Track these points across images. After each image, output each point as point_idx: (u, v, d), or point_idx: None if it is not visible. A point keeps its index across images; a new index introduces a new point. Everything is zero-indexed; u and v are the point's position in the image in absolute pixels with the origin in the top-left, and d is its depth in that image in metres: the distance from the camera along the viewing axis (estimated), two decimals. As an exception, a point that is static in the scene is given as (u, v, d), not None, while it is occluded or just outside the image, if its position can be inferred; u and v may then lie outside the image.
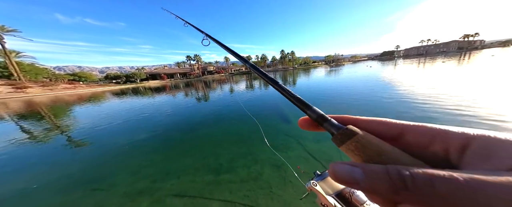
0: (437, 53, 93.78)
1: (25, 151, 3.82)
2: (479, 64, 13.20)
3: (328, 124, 0.18)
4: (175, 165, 2.58)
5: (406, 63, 27.90)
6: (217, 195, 1.85)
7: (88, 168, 2.75)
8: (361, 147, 0.15)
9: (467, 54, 37.96)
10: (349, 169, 0.13)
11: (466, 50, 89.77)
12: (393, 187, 0.11)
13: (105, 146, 3.65)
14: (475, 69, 10.60)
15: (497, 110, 3.39)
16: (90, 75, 59.59)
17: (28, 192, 2.22)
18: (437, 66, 14.64)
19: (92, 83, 47.87)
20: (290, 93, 0.22)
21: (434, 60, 27.60)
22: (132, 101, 11.51)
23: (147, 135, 4.11)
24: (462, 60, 20.67)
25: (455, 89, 5.57)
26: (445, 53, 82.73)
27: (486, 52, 45.64)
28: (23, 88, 28.54)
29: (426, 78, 8.58)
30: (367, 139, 0.15)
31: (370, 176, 0.12)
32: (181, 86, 24.08)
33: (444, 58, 28.38)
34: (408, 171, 0.11)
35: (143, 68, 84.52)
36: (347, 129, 0.16)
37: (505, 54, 22.68)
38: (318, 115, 0.19)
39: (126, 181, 2.26)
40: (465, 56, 31.45)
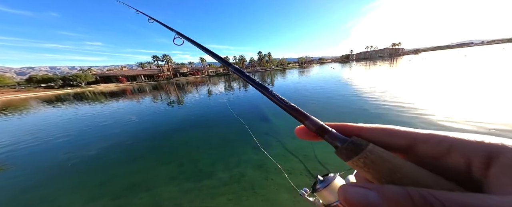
0: (377, 57, 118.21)
1: None
2: (402, 67, 17.54)
3: (329, 136, 0.17)
4: (144, 177, 2.25)
5: (357, 65, 33.84)
6: (198, 203, 1.74)
7: (14, 196, 2.02)
8: (371, 164, 0.13)
9: (395, 59, 49.72)
10: (364, 193, 0.11)
11: (394, 55, 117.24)
12: None
13: (39, 167, 2.79)
14: (401, 70, 14.04)
15: (419, 103, 4.53)
16: (3, 78, 43.69)
17: None
18: (377, 68, 18.54)
19: (7, 89, 35.22)
20: (284, 101, 0.20)
21: (375, 63, 34.65)
22: (76, 109, 9.18)
23: (102, 147, 3.40)
24: (392, 64, 26.83)
25: (389, 87, 7.19)
26: (382, 57, 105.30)
27: (405, 57, 60.86)
28: None
29: (370, 78, 10.70)
30: (377, 153, 0.14)
31: (389, 202, 0.10)
32: (147, 89, 20.98)
33: (381, 62, 36.08)
34: (435, 197, 0.09)
35: (90, 68, 68.85)
36: (353, 143, 0.15)
37: (417, 60, 30.93)
38: (318, 127, 0.17)
39: (74, 204, 1.80)
40: (394, 60, 41.02)
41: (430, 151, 0.14)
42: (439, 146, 0.13)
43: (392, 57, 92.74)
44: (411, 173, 0.12)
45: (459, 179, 0.12)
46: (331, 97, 6.32)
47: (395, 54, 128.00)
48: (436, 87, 6.18)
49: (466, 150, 0.12)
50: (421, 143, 0.14)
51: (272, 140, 3.10)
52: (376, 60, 54.71)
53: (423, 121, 3.25)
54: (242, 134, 3.58)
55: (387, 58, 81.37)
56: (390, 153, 0.14)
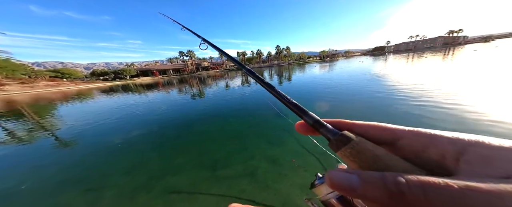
0: (425, 48, 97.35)
1: (11, 151, 3.62)
2: (463, 59, 13.94)
3: (324, 129, 0.18)
4: (170, 162, 2.57)
5: (395, 58, 28.82)
6: (215, 190, 1.88)
7: (79, 167, 2.66)
8: (356, 153, 0.15)
9: (452, 50, 39.84)
10: (346, 176, 0.13)
11: (451, 45, 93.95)
12: (389, 194, 0.11)
13: (97, 145, 3.53)
14: (459, 64, 11.21)
15: (481, 106, 3.63)
16: (75, 72, 56.08)
17: (16, 193, 2.13)
18: (424, 61, 15.31)
19: (78, 80, 45.17)
20: (286, 98, 0.23)
21: (421, 55, 28.73)
22: (123, 98, 11.07)
23: (140, 133, 4.02)
24: (447, 55, 21.69)
25: (440, 84, 5.88)
26: (432, 48, 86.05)
27: (468, 47, 48.09)
28: (0, 85, 26.42)
29: (413, 73, 8.96)
30: (362, 145, 0.15)
31: (367, 183, 0.12)
32: (174, 82, 23.39)
33: (430, 53, 29.59)
34: (404, 178, 0.11)
35: (133, 64, 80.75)
36: (342, 136, 0.16)
37: (486, 49, 24.05)
38: (314, 121, 0.19)
39: (121, 180, 2.23)
40: (450, 51, 32.98)
41: (411, 145, 0.15)
42: (418, 141, 0.15)
43: (447, 47, 74.51)
44: (391, 162, 0.14)
45: (435, 172, 0.14)
46: (357, 95, 5.65)
47: (452, 44, 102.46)
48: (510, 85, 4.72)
49: (441, 145, 0.14)
50: (404, 138, 0.16)
51: (286, 135, 3.03)
52: (423, 52, 45.20)
53: (489, 131, 2.57)
54: (257, 128, 3.63)
55: (439, 48, 65.99)
56: (375, 145, 0.15)
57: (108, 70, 59.03)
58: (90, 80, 48.86)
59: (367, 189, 0.12)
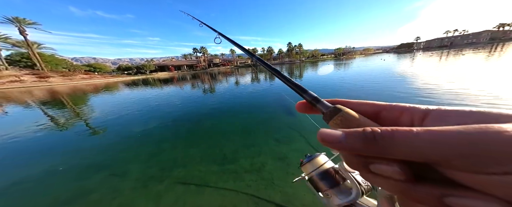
0: (465, 44, 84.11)
1: (52, 135, 4.22)
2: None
3: (320, 105, 0.21)
4: (182, 154, 2.71)
5: (425, 55, 25.64)
6: (221, 184, 1.94)
7: (105, 154, 2.98)
8: (345, 121, 0.18)
9: (500, 46, 33.78)
10: (333, 132, 0.15)
11: (499, 41, 79.38)
12: (365, 141, 0.14)
13: (120, 134, 3.90)
14: (506, 62, 9.46)
15: None
16: (104, 66, 62.35)
17: (55, 173, 2.48)
18: (459, 59, 13.29)
19: (106, 74, 50.18)
20: (290, 80, 0.26)
21: (458, 52, 25.04)
22: (143, 91, 11.98)
23: (156, 125, 4.31)
24: (492, 52, 18.50)
25: (475, 86, 5.07)
26: (474, 44, 73.97)
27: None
28: (46, 77, 30.74)
29: (443, 72, 7.86)
30: (349, 114, 0.18)
31: (349, 135, 0.15)
32: (188, 78, 24.47)
33: (470, 50, 25.57)
34: (377, 129, 0.14)
35: (152, 60, 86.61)
36: (335, 107, 0.19)
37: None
38: (313, 98, 0.22)
39: (138, 168, 2.43)
40: (497, 47, 28.06)
41: (389, 115, 0.18)
42: (395, 111, 0.18)
43: (494, 43, 62.98)
44: (370, 125, 0.17)
45: None
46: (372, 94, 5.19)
47: (501, 39, 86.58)
48: None
49: (411, 112, 0.17)
50: (384, 110, 0.19)
51: (295, 134, 2.95)
52: (461, 49, 39.16)
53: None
54: (265, 125, 3.60)
55: (483, 45, 55.98)
56: (360, 115, 0.18)
57: (131, 65, 64.34)
58: (116, 74, 53.91)
59: (349, 140, 0.14)
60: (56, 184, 2.24)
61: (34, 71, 33.02)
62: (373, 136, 0.13)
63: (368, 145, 0.13)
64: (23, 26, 36.97)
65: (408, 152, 0.12)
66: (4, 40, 37.33)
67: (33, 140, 3.94)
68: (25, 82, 27.18)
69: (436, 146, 0.11)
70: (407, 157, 0.12)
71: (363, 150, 0.14)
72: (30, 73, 31.48)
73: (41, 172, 2.53)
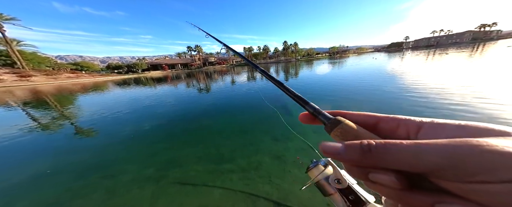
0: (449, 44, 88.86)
1: (37, 138, 3.99)
2: (494, 56, 12.54)
3: (321, 116, 0.22)
4: (178, 154, 2.67)
5: (416, 54, 26.77)
6: (219, 183, 1.93)
7: (96, 156, 2.87)
8: (344, 132, 0.19)
9: (481, 45, 35.99)
10: (334, 144, 0.17)
11: (481, 41, 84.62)
12: (362, 152, 0.15)
13: (112, 135, 3.77)
14: (487, 61, 10.11)
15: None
16: (92, 65, 59.45)
17: (42, 177, 2.36)
18: (443, 58, 14.02)
19: (95, 73, 47.92)
20: (293, 93, 0.26)
21: (443, 51, 26.40)
22: (135, 91, 11.59)
23: (151, 125, 4.20)
24: (474, 51, 19.66)
25: (456, 84, 5.38)
26: (458, 44, 78.40)
27: (501, 42, 43.11)
28: (27, 76, 28.85)
29: (429, 70, 8.26)
30: (348, 126, 0.19)
31: (348, 147, 0.16)
32: (182, 76, 23.94)
33: (454, 50, 27.06)
34: (373, 141, 0.15)
35: (144, 58, 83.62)
36: (335, 119, 0.20)
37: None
38: (314, 110, 0.23)
39: (132, 169, 2.37)
40: (479, 47, 29.86)
41: (387, 127, 0.19)
42: (392, 124, 0.19)
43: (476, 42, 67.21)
44: (368, 137, 0.18)
45: None
46: (369, 92, 5.37)
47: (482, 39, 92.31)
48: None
49: (407, 125, 0.18)
50: (382, 122, 0.20)
51: (292, 133, 2.99)
52: (446, 48, 41.35)
53: None
54: (262, 124, 3.62)
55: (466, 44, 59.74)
56: (359, 126, 0.19)
57: (121, 64, 61.81)
58: (105, 73, 51.63)
59: (348, 152, 0.15)
60: (43, 187, 2.13)
61: (14, 70, 30.85)
62: (369, 148, 0.15)
63: (365, 156, 0.15)
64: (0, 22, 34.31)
65: (399, 162, 0.13)
66: (-21, 37, 34.51)
67: (15, 143, 3.71)
68: (4, 81, 25.36)
69: (421, 157, 0.12)
70: (398, 167, 0.14)
71: (360, 161, 0.15)
72: (10, 71, 29.38)
73: (26, 176, 2.39)
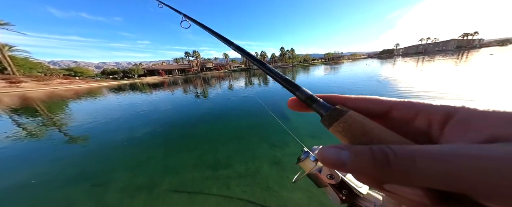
0: (436, 51, 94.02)
1: (22, 146, 3.79)
2: (479, 63, 13.32)
3: (317, 105, 0.18)
4: (173, 161, 2.59)
5: (404, 61, 28.02)
6: (216, 190, 1.87)
7: (86, 164, 2.74)
8: (348, 127, 0.15)
9: (466, 53, 38.23)
10: (336, 152, 0.13)
11: (465, 48, 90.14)
12: (377, 165, 0.11)
13: (103, 142, 3.63)
14: (474, 69, 10.70)
15: None
16: (87, 70, 58.51)
17: (26, 187, 2.21)
18: (434, 65, 14.75)
19: (89, 79, 47.03)
20: (278, 74, 0.22)
21: (431, 58, 27.81)
22: (130, 97, 11.38)
23: (145, 131, 4.09)
24: (460, 59, 20.82)
25: (449, 90, 5.62)
26: (444, 51, 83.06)
27: (484, 51, 45.95)
28: (17, 82, 27.96)
29: (422, 77, 8.64)
30: (354, 118, 0.15)
31: (356, 157, 0.12)
32: (179, 82, 23.84)
33: (441, 57, 28.57)
34: (390, 148, 0.11)
35: (141, 64, 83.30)
36: (335, 110, 0.16)
37: (503, 53, 22.89)
38: (307, 96, 0.18)
39: (124, 177, 2.27)
40: (463, 55, 31.70)
41: (402, 116, 0.15)
42: (408, 111, 0.15)
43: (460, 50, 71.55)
44: (380, 134, 0.14)
45: (422, 140, 0.14)
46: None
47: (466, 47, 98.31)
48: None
49: (429, 113, 0.14)
50: (395, 109, 0.16)
51: (289, 138, 2.99)
52: (434, 55, 43.65)
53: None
54: (259, 129, 3.60)
55: (451, 52, 63.42)
56: (366, 118, 0.15)
57: (117, 69, 61.18)
58: (100, 78, 50.76)
59: (357, 163, 0.12)
60: (28, 198, 1.99)
61: (3, 76, 29.90)
62: (387, 160, 0.11)
63: (381, 171, 0.11)
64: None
65: (432, 182, 0.10)
66: (-31, 42, 33.64)
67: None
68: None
69: (470, 177, 0.09)
70: (430, 186, 0.10)
71: (374, 175, 0.12)
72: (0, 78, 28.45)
73: (7, 187, 2.23)
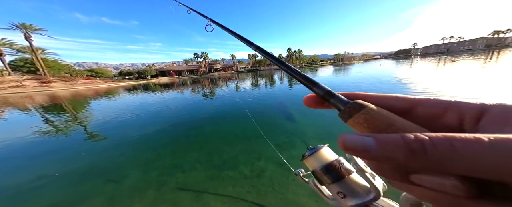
0: (461, 51, 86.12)
1: (49, 140, 4.17)
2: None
3: (335, 99, 0.17)
4: (181, 160, 2.67)
5: (423, 61, 26.12)
6: (221, 190, 1.89)
7: (102, 159, 2.93)
8: (371, 119, 0.14)
9: (496, 52, 34.53)
10: (360, 139, 0.12)
11: (495, 47, 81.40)
12: (408, 152, 0.10)
13: (118, 139, 3.87)
14: (506, 69, 9.60)
15: None
16: (106, 71, 63.09)
17: (51, 179, 2.43)
18: (458, 65, 13.51)
19: (108, 79, 50.64)
20: (297, 72, 0.22)
21: (455, 58, 25.54)
22: (143, 96, 12.03)
23: (156, 130, 4.28)
24: (489, 58, 18.86)
25: (476, 92, 5.10)
26: (470, 51, 75.82)
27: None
28: (48, 82, 30.99)
29: (445, 79, 7.95)
30: (377, 111, 0.15)
31: (383, 143, 0.11)
32: (188, 83, 24.66)
33: (467, 56, 26.10)
34: (426, 135, 0.10)
35: (154, 65, 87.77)
36: (356, 103, 0.16)
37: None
38: (326, 91, 0.18)
39: (135, 174, 2.38)
40: (493, 54, 28.66)
41: (428, 112, 0.14)
42: (436, 108, 0.14)
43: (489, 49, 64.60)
44: (404, 127, 0.13)
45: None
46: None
47: (497, 46, 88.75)
48: None
49: (461, 109, 0.13)
50: (420, 106, 0.15)
51: (296, 139, 2.92)
52: (458, 55, 39.97)
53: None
54: (265, 130, 3.57)
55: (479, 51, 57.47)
56: (390, 112, 0.15)
57: (133, 70, 65.12)
58: (117, 79, 54.42)
59: (384, 149, 0.11)
60: (50, 190, 2.18)
61: (36, 76, 33.36)
62: (423, 147, 0.10)
63: (414, 158, 0.10)
64: (29, 32, 37.93)
65: (475, 170, 0.09)
66: (10, 46, 38.10)
67: (29, 145, 3.89)
68: (26, 87, 27.36)
69: None
70: (472, 175, 0.09)
71: (404, 163, 0.11)
72: (32, 78, 31.79)
73: (34, 178, 2.47)
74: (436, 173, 0.10)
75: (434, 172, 0.10)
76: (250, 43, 0.33)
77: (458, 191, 0.10)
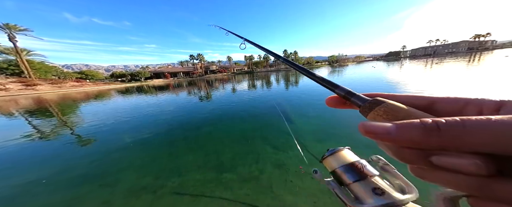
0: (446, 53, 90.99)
1: (35, 146, 3.96)
2: (493, 65, 12.75)
3: (356, 98, 0.19)
4: (177, 163, 2.62)
5: (412, 64, 27.32)
6: (218, 193, 1.87)
7: (94, 164, 2.82)
8: (390, 111, 0.15)
9: (478, 55, 36.79)
10: (382, 124, 0.13)
11: (477, 50, 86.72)
12: (425, 131, 0.11)
13: (111, 143, 3.73)
14: (490, 70, 10.25)
15: None
16: (97, 73, 60.94)
17: (38, 186, 2.30)
18: (445, 67, 14.26)
19: (98, 81, 48.92)
20: (320, 77, 0.24)
21: (441, 61, 26.95)
22: (137, 99, 11.72)
23: (150, 133, 4.18)
24: (472, 61, 20.04)
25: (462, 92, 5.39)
26: (454, 53, 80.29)
27: (498, 52, 44.02)
28: (33, 85, 29.47)
29: (433, 79, 8.35)
30: (396, 104, 0.15)
31: (402, 125, 0.12)
32: (184, 85, 24.31)
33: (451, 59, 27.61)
34: (442, 119, 0.11)
35: (148, 66, 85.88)
36: (376, 99, 0.17)
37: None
38: (346, 91, 0.20)
39: (130, 178, 2.31)
40: (475, 57, 30.48)
41: (447, 108, 0.15)
42: (456, 104, 0.15)
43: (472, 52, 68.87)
44: (424, 116, 0.14)
45: None
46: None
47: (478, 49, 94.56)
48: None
49: (480, 103, 0.14)
50: (439, 103, 0.15)
51: (293, 141, 2.95)
52: (444, 57, 42.18)
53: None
54: (262, 132, 3.59)
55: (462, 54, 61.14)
56: (409, 107, 0.15)
57: (125, 72, 63.31)
58: (109, 81, 52.70)
59: (403, 130, 0.12)
60: (39, 197, 2.06)
61: (21, 79, 31.65)
62: (437, 125, 0.11)
63: (430, 136, 0.11)
64: (13, 32, 36.13)
65: (486, 144, 0.09)
66: (-9, 47, 36.09)
67: (12, 151, 3.68)
68: (10, 90, 25.89)
69: None
70: (484, 150, 0.10)
71: (421, 143, 0.11)
72: (17, 81, 30.11)
73: (20, 185, 2.33)
74: (453, 153, 0.11)
75: (451, 149, 0.11)
76: (278, 56, 0.39)
77: (478, 169, 0.10)
